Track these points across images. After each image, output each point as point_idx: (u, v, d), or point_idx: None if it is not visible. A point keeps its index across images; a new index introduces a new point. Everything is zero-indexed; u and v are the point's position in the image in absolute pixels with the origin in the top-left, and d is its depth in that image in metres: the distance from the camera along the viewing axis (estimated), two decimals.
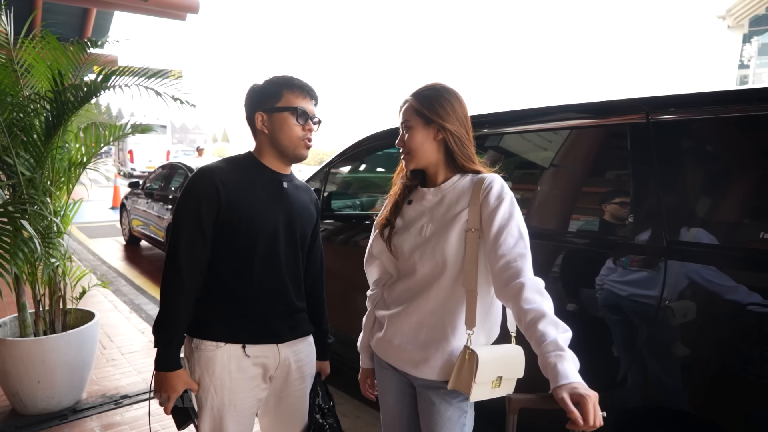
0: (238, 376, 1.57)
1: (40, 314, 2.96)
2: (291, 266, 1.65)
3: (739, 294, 1.52)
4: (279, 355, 1.64)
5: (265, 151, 1.63)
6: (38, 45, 2.80)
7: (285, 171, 1.67)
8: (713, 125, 1.69)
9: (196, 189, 1.53)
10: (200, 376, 1.58)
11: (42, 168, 2.84)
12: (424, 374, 1.45)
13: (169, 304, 1.52)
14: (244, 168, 1.62)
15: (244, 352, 1.57)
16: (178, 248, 1.51)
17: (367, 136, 3.32)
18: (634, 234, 1.79)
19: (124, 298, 5.46)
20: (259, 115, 1.58)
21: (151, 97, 2.75)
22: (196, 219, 1.51)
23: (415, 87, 1.53)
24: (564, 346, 1.12)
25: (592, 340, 1.85)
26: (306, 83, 1.60)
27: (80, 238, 9.35)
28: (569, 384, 1.05)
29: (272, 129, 1.57)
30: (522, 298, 1.22)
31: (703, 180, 1.72)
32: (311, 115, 1.59)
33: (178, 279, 1.51)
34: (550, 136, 2.20)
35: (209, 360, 1.56)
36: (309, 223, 1.72)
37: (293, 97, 1.56)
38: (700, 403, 1.62)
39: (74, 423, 2.88)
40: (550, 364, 1.10)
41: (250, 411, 1.64)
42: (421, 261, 1.45)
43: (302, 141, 1.58)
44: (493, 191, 1.39)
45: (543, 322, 1.17)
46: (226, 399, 1.57)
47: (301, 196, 1.70)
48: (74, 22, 10.35)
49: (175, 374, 1.53)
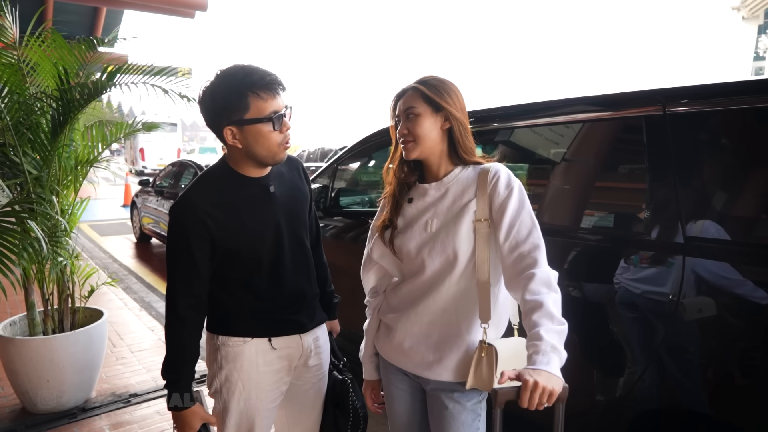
0: (264, 369, 1.57)
1: (48, 313, 2.96)
2: (302, 262, 1.63)
3: (761, 293, 1.46)
4: (302, 345, 1.64)
5: (242, 162, 1.49)
6: (44, 43, 2.78)
7: (264, 172, 1.54)
8: (734, 117, 1.62)
9: (185, 226, 1.43)
10: (228, 372, 1.55)
11: (49, 166, 2.83)
12: (439, 375, 1.41)
13: (174, 344, 1.49)
14: (225, 186, 1.49)
15: (270, 345, 1.57)
16: (176, 290, 1.46)
17: (375, 132, 3.26)
18: (650, 230, 1.73)
19: (134, 295, 5.48)
20: (228, 131, 1.40)
21: (159, 95, 2.73)
22: (189, 259, 1.43)
23: (411, 79, 1.50)
24: (546, 336, 1.12)
25: (606, 339, 1.80)
26: (268, 75, 1.38)
27: (92, 236, 9.42)
28: (530, 368, 1.09)
29: (246, 143, 1.41)
30: (527, 289, 1.21)
31: (724, 174, 1.65)
32: (283, 113, 1.42)
33: (178, 319, 1.47)
34: (562, 130, 2.14)
35: (237, 355, 1.55)
36: (303, 204, 1.67)
37: (261, 103, 1.37)
38: (719, 405, 1.56)
39: (83, 422, 2.88)
40: (527, 353, 1.13)
41: (274, 404, 1.63)
42: (430, 258, 1.41)
43: (281, 146, 1.45)
44: (501, 180, 1.37)
45: (538, 313, 1.16)
46: (253, 393, 1.56)
47: (289, 183, 1.62)
48: (85, 21, 10.43)
49: (190, 412, 1.51)
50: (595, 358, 1.86)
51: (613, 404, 1.76)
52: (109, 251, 8.13)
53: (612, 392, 1.79)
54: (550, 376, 1.06)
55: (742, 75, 1.86)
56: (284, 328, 1.60)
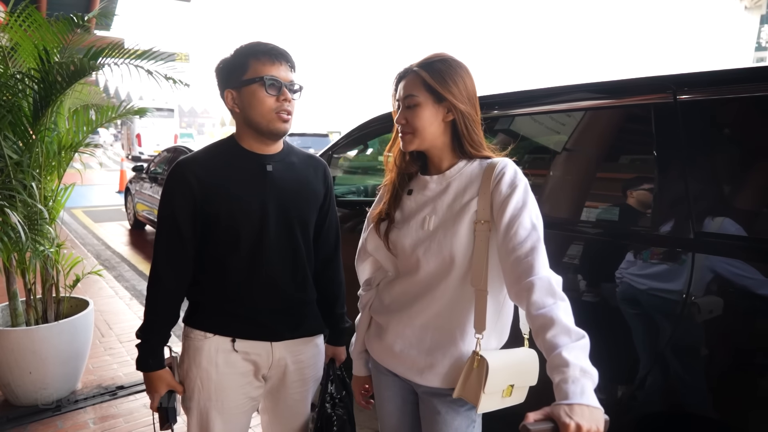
0: (225, 370, 1.47)
1: (31, 303, 2.86)
2: (288, 256, 1.50)
3: None
4: (272, 355, 1.51)
5: (243, 133, 1.47)
6: (24, 23, 2.66)
7: (270, 151, 1.49)
8: (749, 105, 1.52)
9: (172, 187, 1.43)
10: (188, 366, 1.50)
11: (30, 151, 2.71)
12: (429, 381, 1.31)
13: (148, 305, 1.48)
14: (223, 155, 1.47)
15: (232, 346, 1.47)
16: (158, 250, 1.46)
17: (373, 118, 3.13)
18: (658, 224, 1.64)
19: (126, 284, 5.39)
20: (229, 93, 1.42)
21: (142, 77, 2.61)
22: (172, 220, 1.43)
23: (418, 57, 1.33)
24: (570, 359, 0.95)
25: (610, 337, 1.71)
26: (275, 46, 1.40)
27: (86, 222, 9.33)
28: (564, 404, 0.90)
29: (243, 106, 1.40)
30: (531, 302, 1.06)
31: (737, 166, 1.56)
32: (285, 83, 1.39)
33: (157, 280, 1.46)
34: (564, 119, 2.04)
35: (196, 350, 1.48)
36: (309, 202, 1.55)
37: (260, 66, 1.37)
38: (725, 408, 1.48)
39: (67, 415, 2.80)
40: (553, 381, 0.96)
41: (240, 410, 1.52)
42: (425, 257, 1.29)
43: (276, 114, 1.39)
44: (505, 178, 1.23)
45: (553, 330, 1.00)
46: (212, 394, 1.47)
47: (297, 174, 1.52)
48: (78, 4, 10.27)
49: (155, 375, 1.46)
50: (597, 358, 1.78)
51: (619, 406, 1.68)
52: (103, 238, 8.03)
53: (614, 393, 1.71)
54: (591, 410, 0.89)
55: (746, 65, 1.78)
56: (250, 331, 1.49)
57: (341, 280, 1.72)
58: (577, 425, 0.86)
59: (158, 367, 1.47)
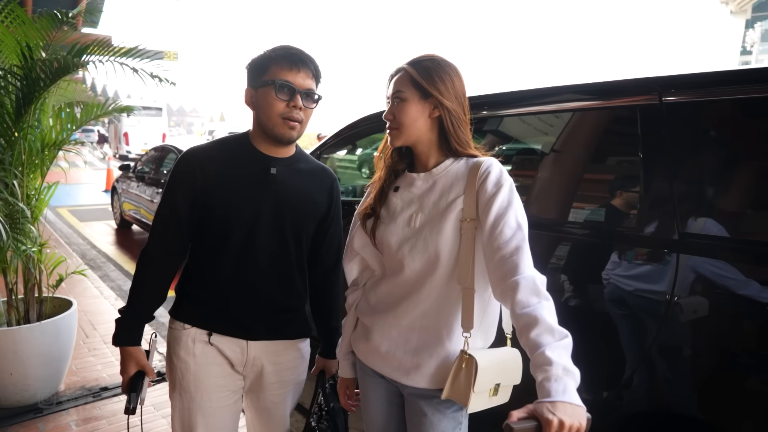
0: (203, 360, 1.49)
1: (12, 303, 2.82)
2: (277, 261, 1.50)
3: (756, 291, 1.38)
4: (247, 353, 1.51)
5: (255, 132, 1.49)
6: (7, 18, 2.62)
7: (279, 154, 1.49)
8: (734, 107, 1.54)
9: (178, 172, 1.48)
10: (169, 357, 1.54)
11: (12, 149, 2.67)
12: (416, 382, 1.30)
13: (135, 282, 1.50)
14: (232, 150, 1.50)
15: (208, 339, 1.49)
16: (153, 228, 1.50)
17: (363, 117, 3.12)
18: (643, 225, 1.65)
19: (111, 284, 5.33)
20: (248, 91, 1.45)
21: (128, 74, 2.58)
22: (171, 201, 1.47)
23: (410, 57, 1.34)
24: (554, 357, 0.96)
25: (595, 338, 1.71)
26: (299, 52, 1.40)
27: (71, 221, 9.20)
28: (547, 402, 0.92)
29: (256, 105, 1.43)
30: (515, 301, 1.07)
31: (722, 167, 1.57)
32: (301, 89, 1.38)
33: (146, 255, 1.49)
34: (551, 120, 2.05)
35: (175, 340, 1.51)
36: (308, 212, 1.53)
37: (278, 69, 1.37)
38: (710, 408, 1.49)
39: (49, 417, 2.76)
40: (536, 379, 0.97)
41: (221, 403, 1.51)
42: (410, 256, 1.29)
43: (283, 119, 1.38)
44: (490, 177, 1.24)
45: (536, 329, 1.02)
46: (192, 385, 1.48)
47: (300, 182, 1.51)
48: (65, 1, 10.15)
49: (126, 352, 1.48)
50: (583, 359, 1.79)
51: (604, 407, 1.69)
52: (88, 237, 7.93)
53: (599, 393, 1.71)
54: (573, 408, 0.90)
55: (730, 67, 1.79)
56: (226, 328, 1.49)
57: (338, 293, 1.69)
58: (560, 421, 0.88)
59: (129, 343, 1.47)
